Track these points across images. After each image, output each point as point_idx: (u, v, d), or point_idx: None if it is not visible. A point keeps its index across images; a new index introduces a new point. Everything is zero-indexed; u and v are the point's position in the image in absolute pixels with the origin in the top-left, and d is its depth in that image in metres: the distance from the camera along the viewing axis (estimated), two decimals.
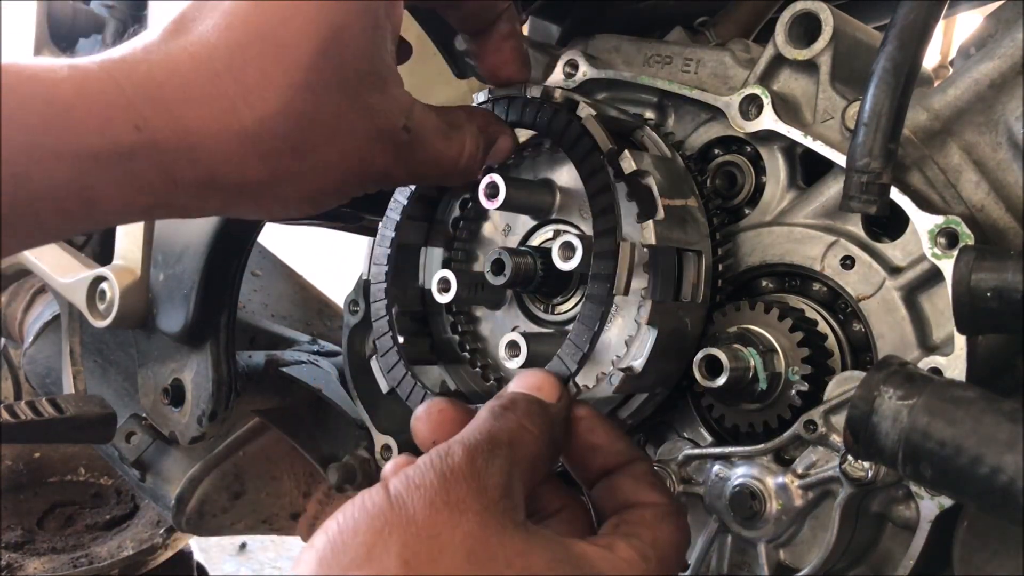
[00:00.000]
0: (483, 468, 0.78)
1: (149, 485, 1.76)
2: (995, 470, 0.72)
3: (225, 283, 1.41)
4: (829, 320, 1.00)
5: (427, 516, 0.73)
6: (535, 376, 0.91)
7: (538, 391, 0.89)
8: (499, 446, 0.80)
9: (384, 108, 0.89)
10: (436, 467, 0.77)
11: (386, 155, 0.90)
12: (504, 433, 0.82)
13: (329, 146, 0.86)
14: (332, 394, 1.61)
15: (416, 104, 0.93)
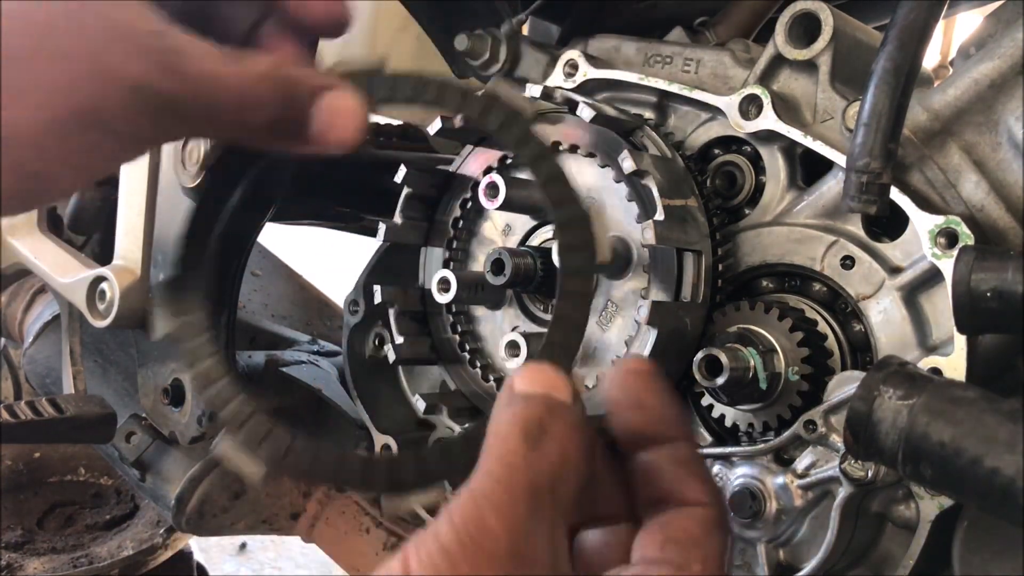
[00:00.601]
0: (527, 546, 0.64)
1: (149, 485, 1.76)
2: (995, 470, 0.72)
3: (225, 283, 1.41)
4: (829, 320, 1.00)
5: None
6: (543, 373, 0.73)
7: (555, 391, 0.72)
8: (542, 497, 0.65)
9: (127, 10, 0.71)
10: (468, 555, 0.62)
11: (139, 58, 0.71)
12: (545, 475, 0.66)
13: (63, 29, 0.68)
14: (332, 394, 1.61)
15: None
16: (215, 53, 0.76)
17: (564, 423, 0.69)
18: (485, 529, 0.63)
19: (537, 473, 0.66)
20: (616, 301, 1.05)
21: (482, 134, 1.13)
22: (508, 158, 1.13)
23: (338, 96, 0.79)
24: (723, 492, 0.99)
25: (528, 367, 0.74)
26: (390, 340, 1.17)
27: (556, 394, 0.72)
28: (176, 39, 0.74)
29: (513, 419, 0.68)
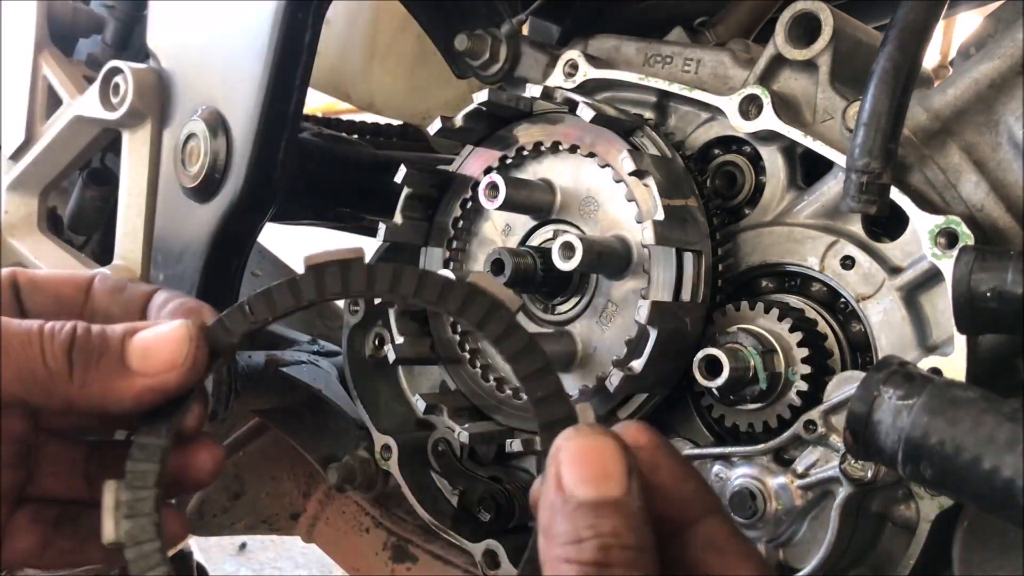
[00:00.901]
0: None
1: None
2: (995, 470, 0.72)
3: (225, 283, 1.41)
4: (829, 320, 1.00)
5: None
6: (592, 453, 0.64)
7: (607, 481, 0.63)
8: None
9: None
10: None
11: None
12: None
13: None
14: (332, 394, 1.61)
15: None
16: None
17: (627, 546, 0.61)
18: None
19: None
20: (616, 301, 1.05)
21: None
22: (508, 158, 1.13)
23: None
24: (723, 492, 0.99)
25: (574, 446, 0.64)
26: (390, 340, 1.17)
27: (611, 489, 0.63)
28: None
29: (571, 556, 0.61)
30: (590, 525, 0.62)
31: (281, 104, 1.22)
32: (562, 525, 0.62)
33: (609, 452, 0.64)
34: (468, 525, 1.23)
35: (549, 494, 0.64)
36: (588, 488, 0.63)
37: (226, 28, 1.26)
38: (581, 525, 0.62)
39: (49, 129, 1.51)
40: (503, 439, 1.09)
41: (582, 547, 0.61)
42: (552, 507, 0.63)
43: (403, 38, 1.99)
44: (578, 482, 0.63)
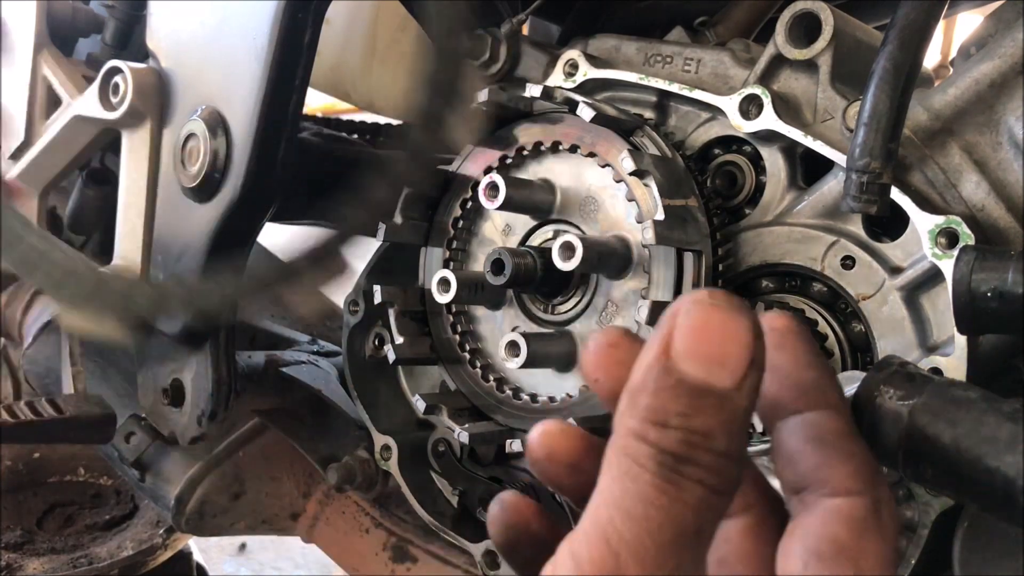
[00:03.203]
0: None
1: (149, 485, 1.76)
2: (995, 470, 0.72)
3: None
4: (829, 320, 1.00)
5: None
6: (718, 330, 0.55)
7: (721, 367, 0.54)
8: (687, 544, 0.54)
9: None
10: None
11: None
12: (690, 519, 0.53)
13: None
14: (332, 394, 1.61)
15: None
16: None
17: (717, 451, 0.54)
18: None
19: (681, 519, 0.53)
20: (616, 301, 1.05)
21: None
22: (508, 158, 1.13)
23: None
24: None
25: (701, 313, 0.55)
26: (390, 340, 1.17)
27: (721, 378, 0.54)
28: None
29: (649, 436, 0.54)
30: (682, 413, 0.54)
31: (281, 104, 1.22)
32: (652, 398, 0.54)
33: (736, 334, 0.55)
34: (468, 525, 1.23)
35: (650, 352, 0.55)
36: (697, 366, 0.54)
37: (226, 28, 1.26)
38: (673, 409, 0.54)
39: (48, 129, 1.51)
40: (503, 439, 1.09)
41: (664, 433, 0.54)
42: (648, 370, 0.55)
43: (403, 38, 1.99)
44: (688, 355, 0.54)
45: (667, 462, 0.53)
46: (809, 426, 0.62)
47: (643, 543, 0.52)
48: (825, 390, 0.63)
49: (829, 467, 0.61)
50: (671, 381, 0.54)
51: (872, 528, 0.60)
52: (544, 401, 1.09)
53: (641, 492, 0.53)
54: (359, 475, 1.50)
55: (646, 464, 0.53)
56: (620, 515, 0.53)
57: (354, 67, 2.04)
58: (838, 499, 0.60)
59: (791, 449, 0.62)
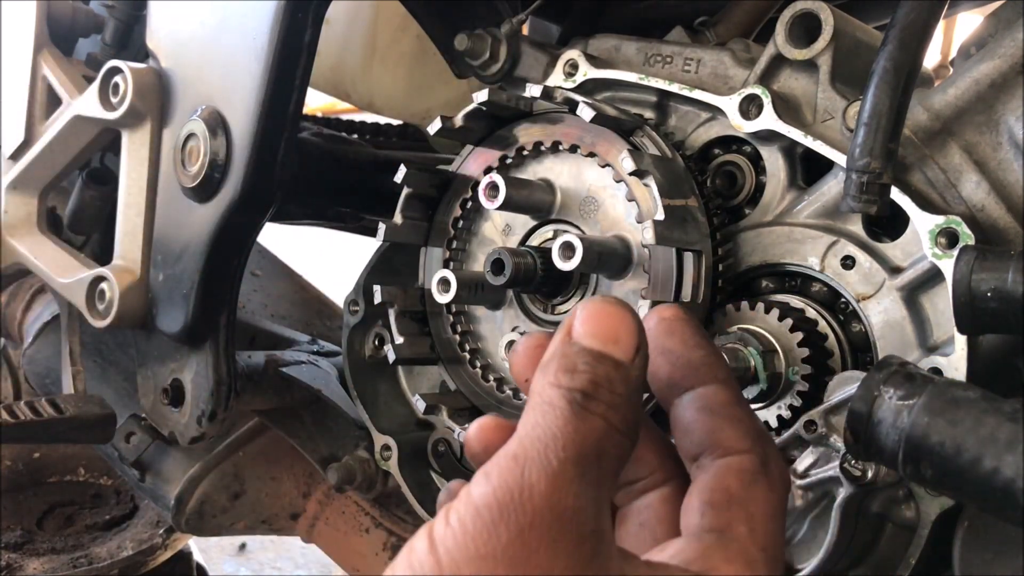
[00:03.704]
0: (573, 509, 0.58)
1: (149, 485, 1.76)
2: (995, 470, 0.72)
3: (225, 283, 1.41)
4: (829, 320, 1.00)
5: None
6: (608, 318, 0.65)
7: (615, 344, 0.64)
8: (589, 465, 0.60)
9: None
10: (508, 516, 0.57)
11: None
12: (592, 442, 0.60)
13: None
14: (332, 394, 1.61)
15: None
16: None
17: (616, 392, 0.63)
18: (528, 488, 0.58)
19: (584, 440, 0.60)
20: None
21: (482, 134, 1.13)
22: (508, 158, 1.13)
23: None
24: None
25: (594, 306, 0.66)
26: (390, 340, 1.17)
27: (616, 351, 0.64)
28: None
29: (561, 382, 0.62)
30: (587, 363, 0.63)
31: (281, 104, 1.22)
32: (561, 359, 0.64)
33: (625, 321, 0.65)
34: None
35: (556, 338, 0.65)
36: (596, 342, 0.64)
37: (226, 28, 1.26)
38: (579, 360, 0.63)
39: (49, 129, 1.51)
40: None
41: (574, 376, 0.63)
42: (554, 348, 0.65)
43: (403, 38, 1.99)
44: (587, 334, 0.65)
45: (576, 398, 0.61)
46: (700, 399, 0.70)
47: (548, 459, 0.59)
48: (712, 367, 0.70)
49: (719, 431, 0.68)
50: (576, 349, 0.64)
51: (761, 478, 0.67)
52: None
53: (550, 422, 0.61)
54: (359, 475, 1.50)
55: (558, 403, 0.61)
56: (529, 440, 0.60)
57: (354, 67, 2.04)
58: (728, 457, 0.68)
59: (686, 420, 0.70)
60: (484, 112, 1.11)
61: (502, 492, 0.58)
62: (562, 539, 0.57)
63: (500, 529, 0.57)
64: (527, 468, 0.59)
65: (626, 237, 1.04)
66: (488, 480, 0.59)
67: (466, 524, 0.57)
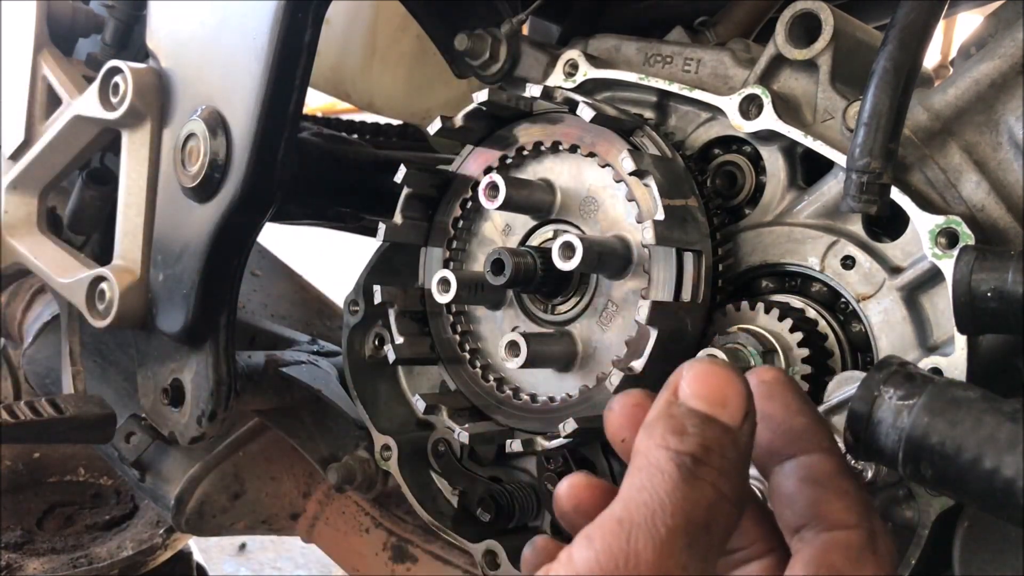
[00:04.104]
0: (680, 572, 0.57)
1: (149, 485, 1.76)
2: (995, 470, 0.72)
3: (225, 283, 1.41)
4: (829, 320, 1.00)
5: None
6: (716, 379, 0.64)
7: (723, 408, 0.62)
8: (697, 533, 0.58)
9: None
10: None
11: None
12: (701, 511, 0.58)
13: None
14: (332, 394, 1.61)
15: None
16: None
17: (727, 458, 0.61)
18: (634, 556, 0.56)
19: (693, 510, 0.58)
20: (616, 301, 1.05)
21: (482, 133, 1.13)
22: (508, 158, 1.13)
23: None
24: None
25: (701, 367, 0.64)
26: (390, 340, 1.17)
27: (724, 415, 0.62)
28: None
29: (669, 444, 0.61)
30: (696, 425, 0.61)
31: (281, 104, 1.22)
32: (668, 420, 0.62)
33: (733, 384, 0.63)
34: (468, 525, 1.23)
35: (661, 398, 0.63)
36: (703, 404, 0.62)
37: (226, 28, 1.25)
38: (688, 423, 0.61)
39: (49, 129, 1.51)
40: (503, 439, 1.09)
41: (683, 439, 0.60)
42: (660, 408, 0.63)
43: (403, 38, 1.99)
44: (695, 395, 0.63)
45: (685, 462, 0.59)
46: (803, 468, 0.67)
47: (656, 527, 0.57)
48: (816, 434, 0.68)
49: (824, 504, 0.65)
50: (683, 410, 0.62)
51: (868, 556, 0.64)
52: (544, 401, 1.09)
53: (658, 487, 0.58)
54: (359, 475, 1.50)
55: (666, 467, 0.59)
56: (635, 505, 0.58)
57: (354, 67, 2.04)
58: (834, 532, 0.65)
59: (788, 491, 0.67)
60: (484, 112, 1.11)
61: (606, 559, 0.56)
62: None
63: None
64: (633, 534, 0.57)
65: (626, 237, 1.04)
66: (591, 544, 0.57)
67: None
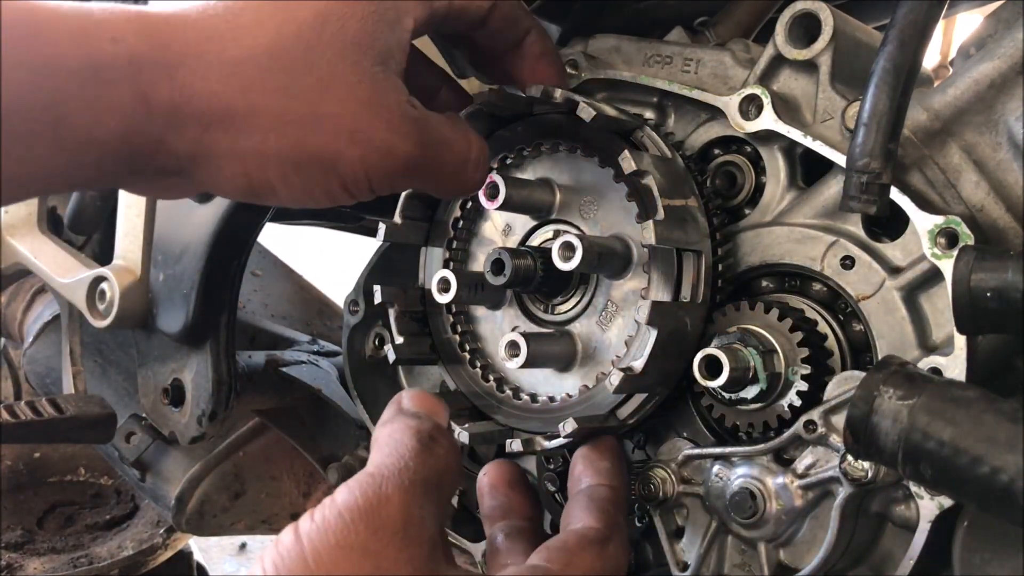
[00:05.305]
0: (418, 519, 0.75)
1: (149, 485, 1.76)
2: (995, 470, 0.72)
3: (225, 283, 1.41)
4: (829, 320, 1.00)
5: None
6: (428, 398, 0.91)
7: (438, 414, 0.88)
8: (431, 488, 0.78)
9: (386, 80, 0.86)
10: (367, 518, 0.73)
11: (392, 128, 0.86)
12: (435, 473, 0.80)
13: (321, 98, 0.82)
14: (332, 394, 1.61)
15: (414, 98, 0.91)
16: (444, 120, 0.93)
17: (448, 440, 0.85)
18: (384, 498, 0.74)
19: (429, 470, 0.79)
20: (616, 301, 1.05)
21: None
22: (508, 158, 1.13)
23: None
24: (723, 492, 0.99)
25: (414, 392, 0.91)
26: (390, 340, 1.17)
27: (440, 419, 0.87)
28: (421, 112, 0.89)
29: (407, 428, 0.83)
30: (426, 419, 0.87)
31: None
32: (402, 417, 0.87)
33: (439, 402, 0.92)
34: (468, 525, 1.23)
35: (388, 411, 0.91)
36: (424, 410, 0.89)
37: None
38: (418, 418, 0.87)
39: None
40: (503, 439, 1.09)
41: (420, 422, 0.86)
42: (391, 412, 0.90)
43: None
44: (416, 405, 0.90)
45: (424, 438, 0.82)
46: (587, 492, 0.96)
47: (403, 480, 0.76)
48: (611, 475, 0.99)
49: (585, 512, 0.92)
50: (411, 411, 0.89)
51: (593, 547, 0.88)
52: (544, 401, 1.09)
53: (404, 454, 0.79)
54: None
55: (409, 441, 0.81)
56: (385, 466, 0.77)
57: None
58: (576, 527, 0.91)
59: (568, 506, 0.96)
60: (484, 112, 1.11)
61: (363, 500, 0.74)
62: (407, 540, 0.73)
63: (360, 527, 0.72)
64: (384, 483, 0.75)
65: (626, 237, 1.04)
66: (351, 490, 0.75)
67: (329, 521, 0.73)
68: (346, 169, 0.85)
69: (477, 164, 0.97)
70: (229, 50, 0.79)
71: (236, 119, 0.80)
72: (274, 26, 0.81)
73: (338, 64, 0.83)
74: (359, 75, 0.84)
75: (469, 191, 1.00)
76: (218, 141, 0.80)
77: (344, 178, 0.86)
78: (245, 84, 0.79)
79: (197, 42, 0.78)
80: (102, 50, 0.75)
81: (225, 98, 0.79)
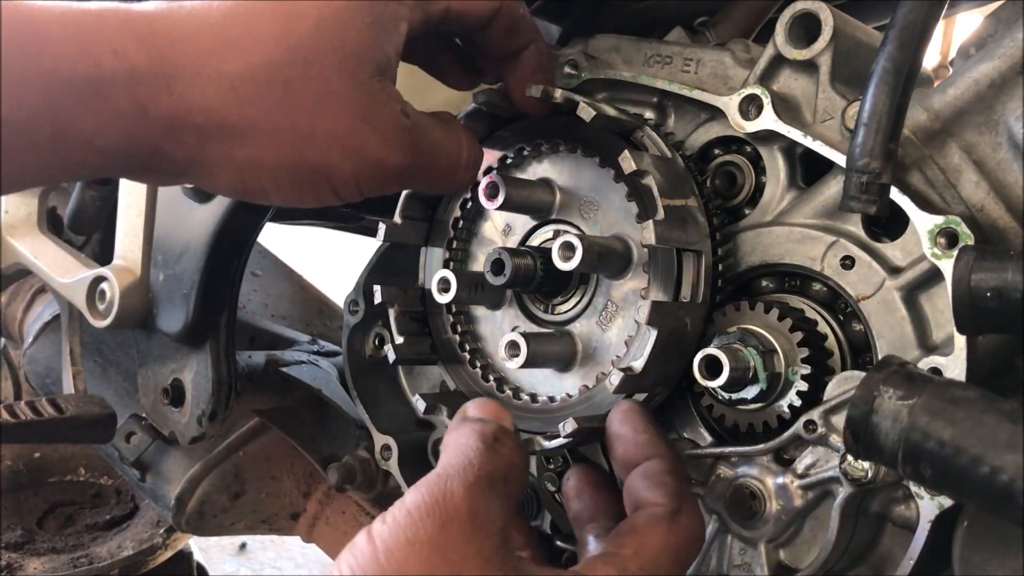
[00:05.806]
0: (484, 511, 0.77)
1: (149, 485, 1.76)
2: (995, 470, 0.72)
3: (225, 283, 1.41)
4: (829, 320, 1.00)
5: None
6: (493, 404, 0.92)
7: (502, 420, 0.89)
8: (497, 483, 0.80)
9: (381, 93, 0.89)
10: (433, 513, 0.74)
11: (385, 141, 0.89)
12: (500, 469, 0.81)
13: (317, 113, 0.84)
14: (332, 394, 1.61)
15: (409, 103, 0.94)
16: (436, 123, 0.97)
17: (513, 440, 0.86)
18: (449, 493, 0.76)
19: (494, 466, 0.81)
20: (616, 301, 1.05)
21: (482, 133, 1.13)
22: (508, 158, 1.13)
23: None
24: (723, 492, 0.99)
25: (478, 400, 0.92)
26: (390, 340, 1.17)
27: (504, 422, 0.89)
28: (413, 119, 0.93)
29: (472, 431, 0.85)
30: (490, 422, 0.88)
31: None
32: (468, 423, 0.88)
33: (503, 409, 0.91)
34: None
35: (455, 419, 0.91)
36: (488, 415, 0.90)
37: None
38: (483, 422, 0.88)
39: None
40: None
41: (484, 426, 0.86)
42: (457, 420, 0.90)
43: None
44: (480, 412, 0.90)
45: (488, 438, 0.84)
46: (644, 468, 0.91)
47: (466, 476, 0.78)
48: (653, 446, 0.93)
49: (650, 491, 0.89)
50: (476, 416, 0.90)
51: (661, 522, 0.86)
52: (544, 401, 1.09)
53: (468, 453, 0.81)
54: (359, 475, 1.50)
55: (473, 442, 0.83)
56: (451, 464, 0.79)
57: None
58: (647, 508, 0.88)
59: (631, 485, 0.91)
60: (484, 112, 1.11)
61: (429, 497, 0.75)
62: (475, 532, 0.75)
63: (427, 522, 0.74)
64: (448, 481, 0.77)
65: (626, 237, 1.04)
66: (419, 490, 0.77)
67: (398, 520, 0.74)
68: (338, 179, 0.89)
69: (468, 165, 1.01)
70: (227, 64, 0.80)
71: (233, 132, 0.82)
72: (272, 38, 0.82)
73: (335, 78, 0.85)
74: (356, 88, 0.86)
75: (461, 189, 1.04)
76: (214, 151, 0.83)
77: (335, 186, 0.90)
78: (242, 99, 0.81)
79: (196, 55, 0.79)
80: (103, 64, 0.76)
81: (223, 112, 0.81)
